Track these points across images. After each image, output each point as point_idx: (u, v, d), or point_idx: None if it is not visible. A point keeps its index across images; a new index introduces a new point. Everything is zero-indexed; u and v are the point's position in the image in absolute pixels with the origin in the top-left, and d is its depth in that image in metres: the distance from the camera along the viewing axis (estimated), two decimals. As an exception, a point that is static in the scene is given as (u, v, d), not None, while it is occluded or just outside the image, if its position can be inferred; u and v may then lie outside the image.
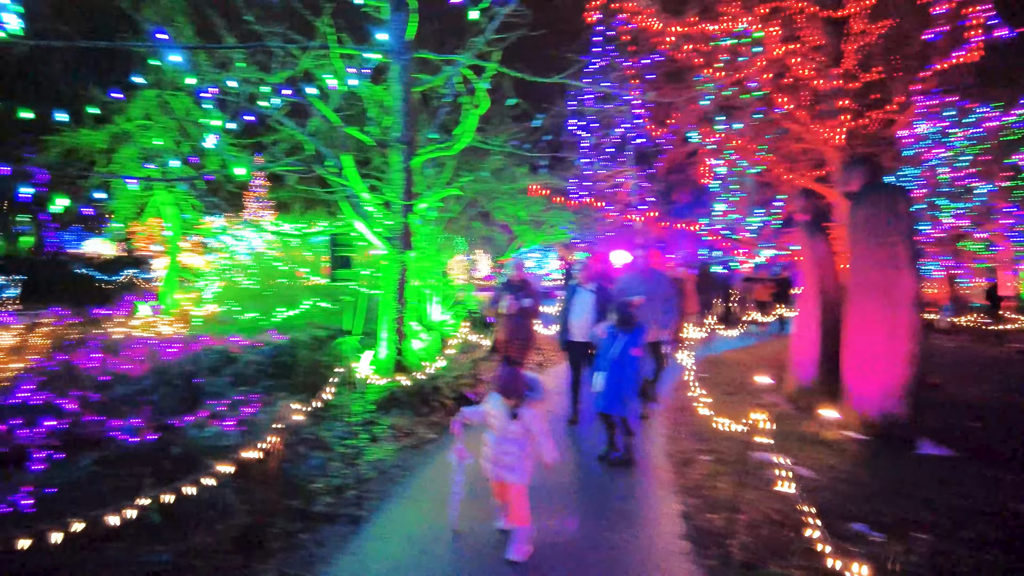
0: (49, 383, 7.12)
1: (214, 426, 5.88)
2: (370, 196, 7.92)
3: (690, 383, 7.91)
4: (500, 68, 7.63)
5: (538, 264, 30.28)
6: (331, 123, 7.94)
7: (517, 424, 3.81)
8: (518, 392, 3.79)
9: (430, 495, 4.82)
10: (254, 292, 12.26)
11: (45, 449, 5.16)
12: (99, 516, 3.41)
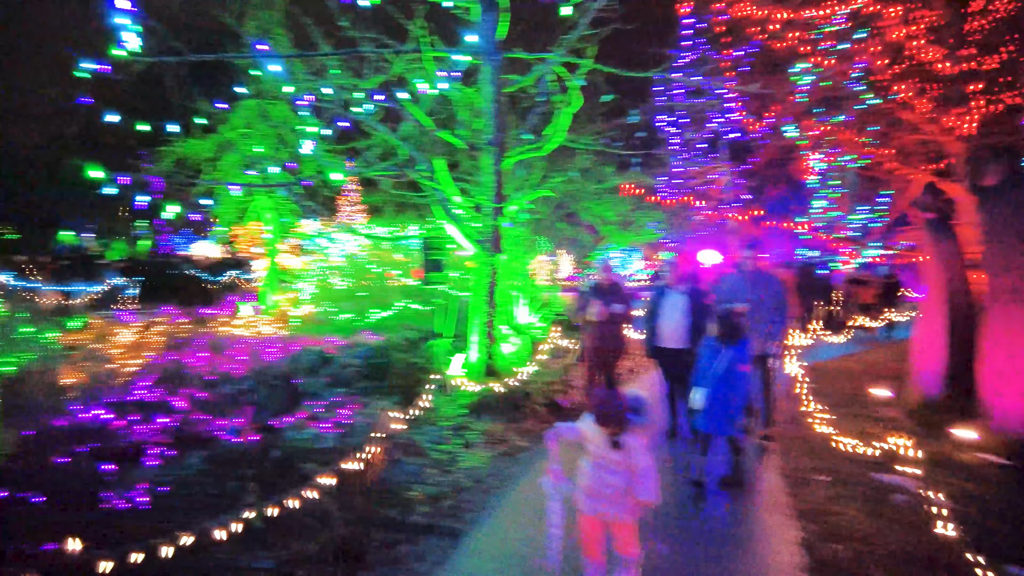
0: (162, 381, 7.52)
1: (312, 428, 5.98)
2: (461, 199, 7.88)
3: (798, 394, 7.36)
4: (595, 65, 7.37)
5: (622, 264, 29.67)
6: (422, 127, 7.96)
7: (620, 454, 3.25)
8: (619, 418, 3.21)
9: (529, 510, 4.64)
10: (348, 294, 12.59)
11: (158, 446, 5.39)
12: (209, 522, 3.45)
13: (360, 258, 12.95)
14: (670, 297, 6.43)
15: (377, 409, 6.59)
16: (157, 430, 5.75)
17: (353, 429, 5.86)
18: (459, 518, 4.45)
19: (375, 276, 13.30)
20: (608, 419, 3.22)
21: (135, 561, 3.15)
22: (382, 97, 8.47)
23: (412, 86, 8.35)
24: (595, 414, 3.27)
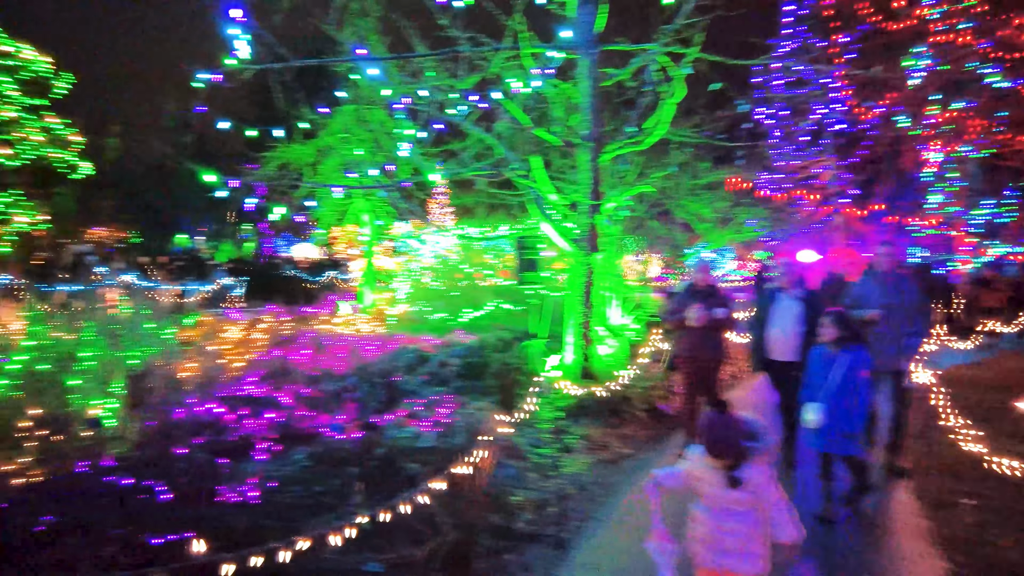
0: (268, 377, 7.80)
1: (412, 427, 5.97)
2: (557, 197, 7.70)
3: (933, 406, 6.67)
4: (700, 53, 6.98)
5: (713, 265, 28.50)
6: (518, 125, 7.85)
7: (741, 493, 2.70)
8: (734, 448, 2.64)
9: (638, 523, 4.39)
10: (441, 293, 12.73)
11: (266, 440, 5.54)
12: (317, 521, 3.44)
13: (452, 258, 13.06)
14: (782, 302, 5.71)
15: (474, 409, 6.53)
16: (264, 425, 5.92)
17: (452, 429, 5.80)
18: (565, 527, 4.27)
19: (467, 276, 13.40)
20: (722, 450, 2.67)
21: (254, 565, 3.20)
22: (476, 97, 8.45)
23: (506, 85, 8.26)
24: (705, 445, 2.72)
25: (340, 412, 6.23)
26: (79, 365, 6.67)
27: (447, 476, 4.49)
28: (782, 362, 5.61)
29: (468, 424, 5.79)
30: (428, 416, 6.25)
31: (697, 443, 2.79)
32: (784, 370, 5.57)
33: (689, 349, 6.09)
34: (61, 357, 6.78)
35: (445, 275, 13.95)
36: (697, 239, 18.03)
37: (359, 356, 8.92)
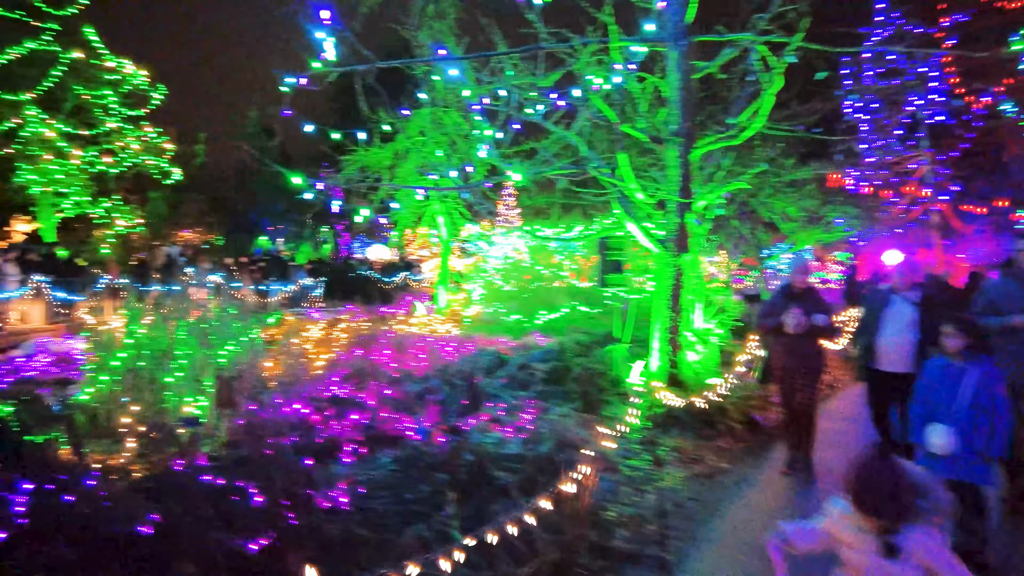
0: (350, 377, 7.83)
1: (495, 432, 5.81)
2: (643, 195, 7.38)
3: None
4: (804, 43, 6.51)
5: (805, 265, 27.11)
6: (606, 122, 7.59)
7: (900, 566, 2.08)
8: (894, 506, 2.05)
9: (743, 546, 4.08)
10: (515, 294, 12.60)
11: (352, 442, 5.50)
12: (409, 530, 3.30)
13: (527, 260, 12.92)
14: (896, 306, 5.13)
15: (558, 415, 6.32)
16: (349, 426, 5.90)
17: (537, 436, 5.61)
18: (666, 547, 3.98)
19: (540, 277, 13.23)
20: (877, 507, 2.06)
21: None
22: (555, 95, 8.24)
23: (588, 81, 8.02)
24: (854, 499, 2.12)
25: (423, 415, 6.15)
26: (173, 363, 6.89)
27: (537, 485, 4.30)
28: (891, 373, 5.06)
29: (553, 431, 5.58)
30: (511, 421, 6.08)
31: (841, 495, 2.21)
32: (892, 382, 5.02)
33: (785, 358, 5.58)
34: (157, 355, 7.02)
35: (518, 276, 13.84)
36: (782, 239, 17.22)
37: (437, 357, 8.88)
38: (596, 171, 7.32)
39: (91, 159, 21.85)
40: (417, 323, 12.66)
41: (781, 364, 5.64)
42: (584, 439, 5.49)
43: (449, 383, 7.07)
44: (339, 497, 4.02)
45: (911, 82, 19.53)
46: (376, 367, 8.03)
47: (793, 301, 5.50)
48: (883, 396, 5.21)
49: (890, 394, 5.11)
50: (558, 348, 8.19)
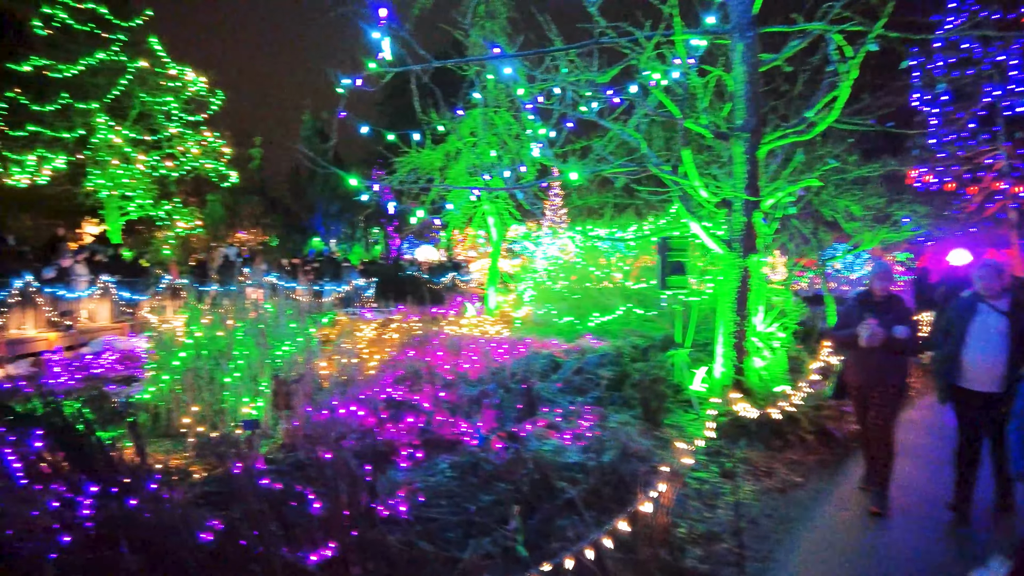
0: (403, 379, 7.77)
1: (553, 438, 5.63)
2: (707, 193, 7.07)
3: None
4: (883, 31, 6.09)
5: (849, 267, 25.96)
6: (664, 117, 7.32)
7: None
8: None
9: (827, 570, 3.78)
10: (566, 296, 12.36)
11: (408, 447, 5.40)
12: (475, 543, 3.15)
13: (579, 260, 12.67)
14: (982, 315, 4.56)
15: (618, 423, 6.09)
16: (405, 430, 5.81)
17: (598, 444, 5.40)
18: (743, 569, 3.72)
19: (594, 278, 12.93)
20: None
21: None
22: (611, 91, 8.00)
23: (647, 76, 7.75)
24: None
25: (479, 419, 6.02)
26: (231, 363, 6.94)
27: (601, 497, 4.11)
28: (980, 393, 4.51)
29: (615, 440, 5.36)
30: (569, 428, 5.89)
31: None
32: (982, 403, 4.50)
33: (860, 374, 4.95)
34: (215, 355, 7.10)
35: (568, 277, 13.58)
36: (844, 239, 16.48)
37: (490, 359, 8.74)
38: (657, 169, 7.05)
39: (154, 163, 22.69)
40: (468, 324, 12.57)
41: (856, 381, 5.03)
42: (648, 449, 5.25)
43: (504, 387, 6.91)
44: (399, 505, 3.91)
45: (987, 71, 18.43)
46: (430, 369, 7.95)
47: (871, 310, 4.91)
48: (970, 415, 4.64)
49: (979, 415, 4.57)
50: (615, 352, 7.94)
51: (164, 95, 22.30)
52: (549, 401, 6.70)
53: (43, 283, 11.22)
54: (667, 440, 5.85)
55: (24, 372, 9.51)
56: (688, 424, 6.37)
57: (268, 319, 8.43)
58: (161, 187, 23.47)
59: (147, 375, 7.30)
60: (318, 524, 3.40)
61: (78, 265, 12.32)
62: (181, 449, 5.63)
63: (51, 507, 2.96)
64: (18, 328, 10.98)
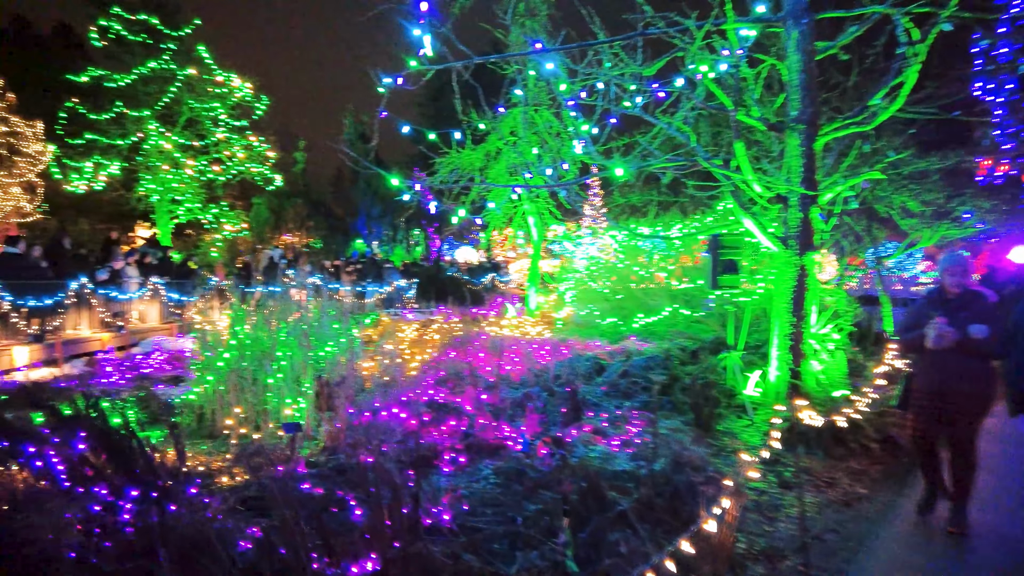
0: (445, 380, 7.65)
1: (600, 444, 5.42)
2: (761, 188, 6.74)
3: None
4: (957, 13, 5.67)
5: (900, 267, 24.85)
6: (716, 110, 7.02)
7: None
8: None
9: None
10: (609, 296, 12.09)
11: (451, 451, 5.26)
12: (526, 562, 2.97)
13: (622, 260, 12.38)
14: None
15: (668, 429, 5.83)
16: (447, 433, 5.68)
17: (646, 451, 5.16)
18: (811, 592, 3.46)
19: (635, 278, 12.61)
20: None
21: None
22: (656, 85, 7.73)
23: (695, 68, 7.46)
24: None
25: (523, 423, 5.85)
26: (275, 364, 6.94)
27: (654, 509, 3.88)
28: None
29: (665, 448, 5.11)
30: (616, 433, 5.67)
31: None
32: None
33: (933, 380, 4.43)
34: (259, 355, 7.11)
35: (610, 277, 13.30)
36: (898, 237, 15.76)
37: (532, 361, 8.57)
38: (707, 163, 6.75)
39: (202, 168, 23.29)
40: (508, 325, 12.42)
41: (927, 388, 4.50)
42: (702, 458, 4.99)
43: (547, 390, 6.72)
44: (442, 514, 3.76)
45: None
46: (472, 371, 7.82)
47: (943, 309, 4.42)
48: None
49: None
50: (662, 355, 7.66)
51: (211, 101, 22.86)
52: (594, 405, 6.49)
53: (97, 285, 11.53)
54: (721, 447, 5.58)
55: (79, 371, 9.76)
56: (742, 431, 6.07)
57: (311, 320, 8.43)
58: (209, 191, 24.09)
59: (193, 376, 7.36)
60: (359, 534, 3.28)
61: (129, 267, 12.64)
62: (224, 451, 5.62)
63: (92, 511, 2.91)
64: (74, 328, 11.30)
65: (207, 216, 24.17)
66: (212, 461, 5.15)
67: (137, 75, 21.43)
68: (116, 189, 22.86)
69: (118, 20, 21.28)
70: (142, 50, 21.67)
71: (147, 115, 21.70)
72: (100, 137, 21.40)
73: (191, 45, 22.51)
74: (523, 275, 21.78)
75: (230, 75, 23.11)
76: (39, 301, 10.29)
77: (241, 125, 24.11)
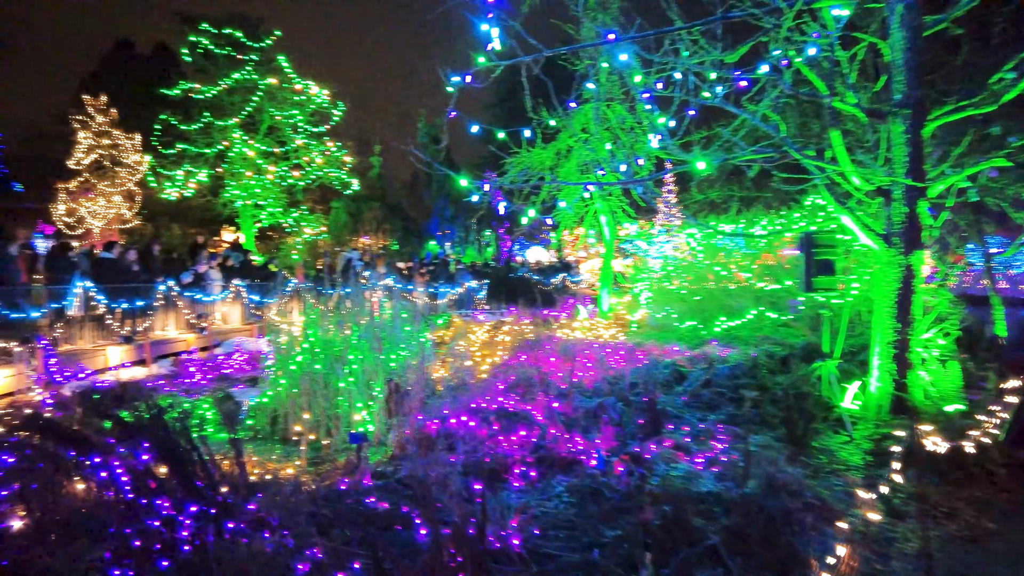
0: (515, 385, 7.40)
1: (682, 462, 5.02)
2: (859, 180, 6.12)
3: None
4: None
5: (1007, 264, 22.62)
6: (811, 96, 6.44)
7: None
8: None
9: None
10: (688, 297, 11.50)
11: (521, 464, 5.01)
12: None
13: (701, 260, 11.76)
14: None
15: (757, 445, 5.35)
16: (517, 443, 5.43)
17: (734, 470, 4.73)
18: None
19: (711, 277, 11.93)
20: None
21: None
22: (738, 72, 7.19)
23: (781, 54, 6.87)
24: None
25: (597, 435, 5.52)
26: (346, 367, 6.90)
27: (747, 540, 3.48)
28: None
29: (756, 467, 4.66)
30: (700, 450, 5.25)
31: None
32: None
33: None
34: (331, 359, 7.10)
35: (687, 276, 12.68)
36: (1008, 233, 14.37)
37: (606, 367, 8.20)
38: (799, 154, 6.18)
39: (282, 173, 24.12)
40: (580, 327, 12.05)
41: None
42: (797, 480, 4.51)
43: (623, 399, 6.35)
44: (511, 537, 3.50)
45: None
46: (544, 376, 7.54)
47: None
48: None
49: None
50: (749, 363, 7.12)
51: (291, 109, 23.62)
52: (675, 417, 6.07)
53: (182, 288, 12.01)
54: (818, 467, 5.06)
55: (166, 371, 10.15)
56: (840, 448, 5.51)
57: (386, 321, 8.40)
58: (289, 195, 24.92)
59: (267, 378, 7.43)
60: (423, 557, 3.06)
61: (212, 271, 13.12)
62: (295, 457, 5.58)
63: (151, 527, 2.84)
64: (162, 329, 11.81)
65: (288, 220, 25.02)
66: (282, 467, 5.11)
67: (223, 86, 22.43)
68: (204, 196, 24.02)
69: (206, 35, 22.35)
70: (227, 62, 22.66)
71: (232, 124, 22.67)
72: (189, 146, 22.55)
73: (272, 55, 23.36)
74: (594, 275, 21.30)
75: (308, 83, 23.81)
76: (131, 303, 10.79)
77: (319, 131, 24.81)
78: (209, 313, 12.72)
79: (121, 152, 24.97)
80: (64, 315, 9.69)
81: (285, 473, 4.89)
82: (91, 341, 10.13)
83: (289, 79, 23.52)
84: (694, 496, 4.28)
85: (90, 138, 24.46)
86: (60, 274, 9.92)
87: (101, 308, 10.27)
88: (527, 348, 9.75)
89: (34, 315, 8.81)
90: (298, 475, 4.91)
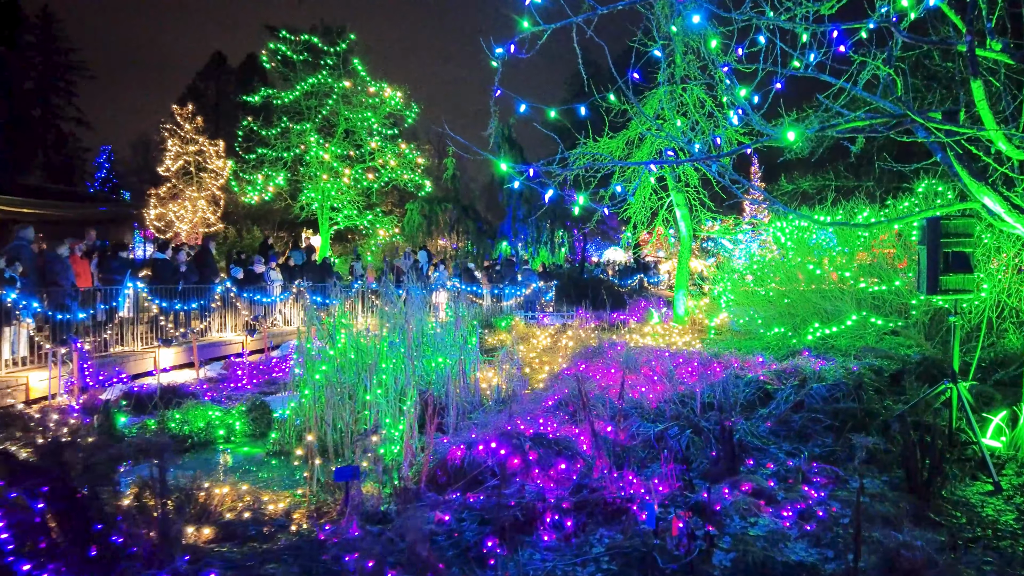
0: (566, 402, 6.41)
1: (765, 514, 3.88)
2: (1007, 148, 4.70)
3: None
4: None
5: None
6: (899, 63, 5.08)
7: None
8: None
9: None
10: (775, 299, 10.06)
11: (554, 510, 4.01)
12: None
13: (792, 258, 10.27)
14: None
15: (867, 494, 4.11)
16: (553, 480, 4.45)
17: (834, 531, 3.56)
18: None
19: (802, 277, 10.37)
20: None
21: None
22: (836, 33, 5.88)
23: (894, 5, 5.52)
24: None
25: (656, 473, 4.44)
26: (376, 376, 6.18)
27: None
28: None
29: (865, 526, 3.47)
30: (788, 499, 4.07)
31: None
32: None
33: None
34: (360, 369, 6.41)
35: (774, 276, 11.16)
36: None
37: (675, 381, 7.04)
38: (922, 118, 4.81)
39: (358, 176, 24.13)
40: (651, 333, 10.85)
41: None
42: (926, 551, 3.28)
43: (691, 425, 5.22)
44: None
45: None
46: (601, 390, 6.50)
47: None
48: None
49: None
50: (851, 381, 5.77)
51: (365, 111, 23.58)
52: (756, 450, 4.90)
53: (238, 286, 11.78)
54: (954, 529, 3.76)
55: (214, 375, 9.85)
56: (983, 502, 4.16)
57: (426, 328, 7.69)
58: (365, 198, 24.94)
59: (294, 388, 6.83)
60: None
61: (272, 271, 12.88)
62: (299, 485, 4.86)
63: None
64: (218, 331, 11.63)
65: (363, 222, 25.04)
66: (278, 498, 4.36)
67: (300, 91, 22.66)
68: (283, 199, 24.40)
69: (284, 42, 22.68)
70: (304, 68, 22.89)
71: (308, 128, 22.86)
72: (269, 151, 22.92)
73: (347, 59, 23.40)
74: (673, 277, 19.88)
75: (382, 85, 23.69)
76: (185, 305, 10.62)
77: (392, 134, 24.67)
78: (265, 314, 12.46)
79: (206, 158, 25.90)
80: (114, 317, 9.56)
81: (275, 508, 4.14)
82: (140, 343, 9.98)
83: (364, 82, 23.48)
84: (779, 568, 3.17)
85: (177, 145, 25.52)
86: (113, 275, 9.82)
87: (154, 309, 10.12)
88: (588, 356, 8.72)
89: (80, 316, 8.66)
90: (289, 510, 4.16)
